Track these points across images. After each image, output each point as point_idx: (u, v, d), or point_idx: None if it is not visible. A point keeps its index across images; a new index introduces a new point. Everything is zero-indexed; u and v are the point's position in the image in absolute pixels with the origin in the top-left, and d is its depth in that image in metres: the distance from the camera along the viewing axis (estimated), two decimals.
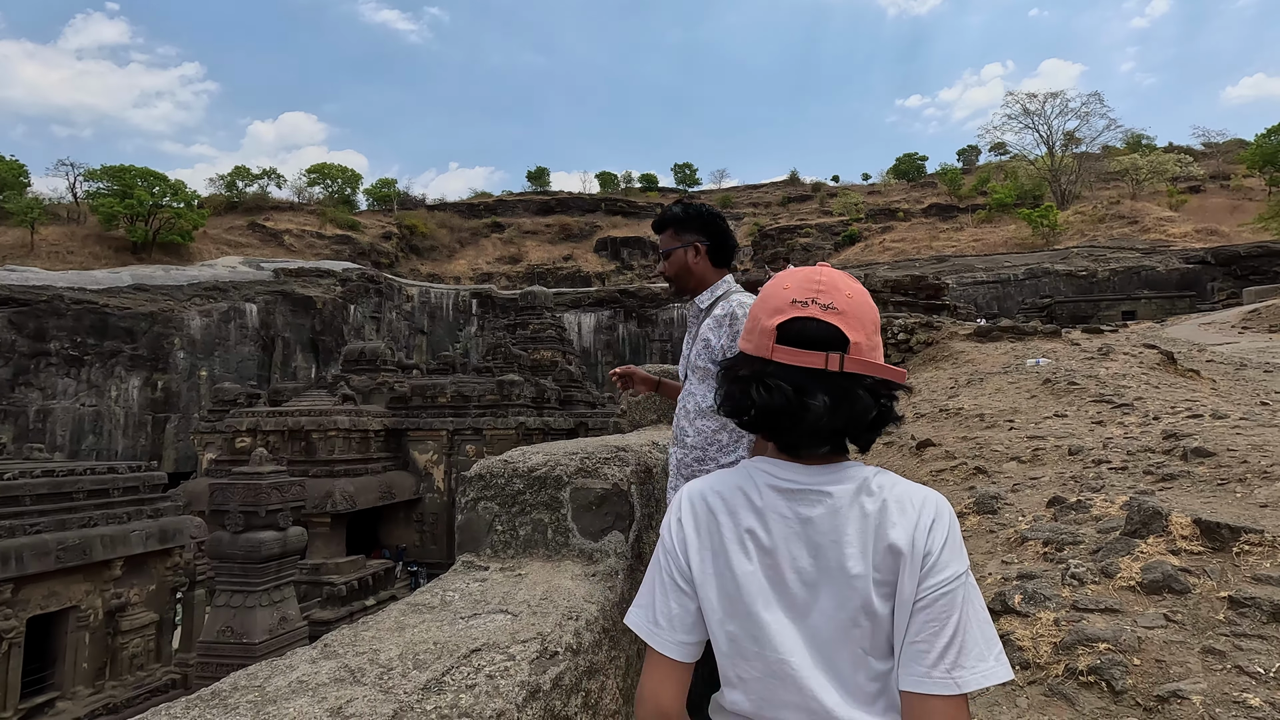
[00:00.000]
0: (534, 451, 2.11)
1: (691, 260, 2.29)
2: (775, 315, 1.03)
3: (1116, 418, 4.56)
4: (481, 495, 1.95)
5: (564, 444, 2.28)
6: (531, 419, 27.34)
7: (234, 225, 50.96)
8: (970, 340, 9.63)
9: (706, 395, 2.17)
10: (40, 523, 14.25)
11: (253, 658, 12.92)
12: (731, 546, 1.00)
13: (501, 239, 69.07)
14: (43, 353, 30.40)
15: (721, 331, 2.17)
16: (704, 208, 2.35)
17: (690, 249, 2.29)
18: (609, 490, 1.97)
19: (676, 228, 2.32)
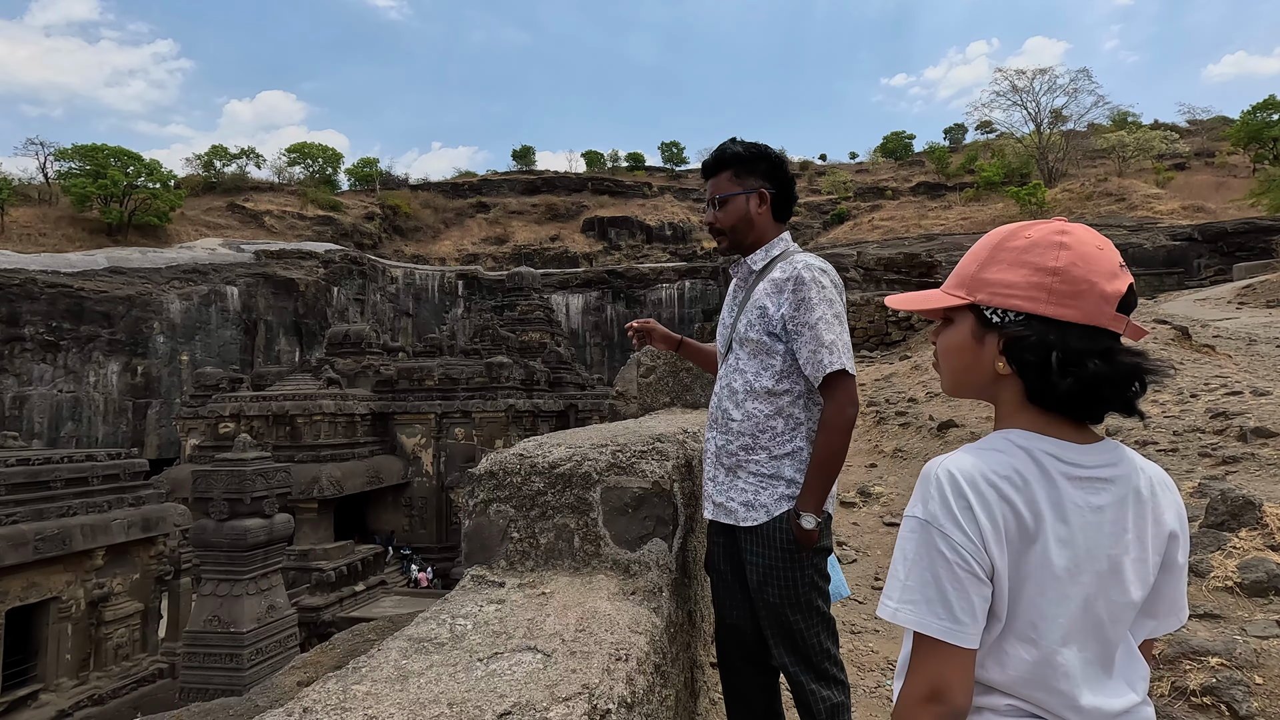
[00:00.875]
0: (554, 443, 1.81)
1: (755, 210, 2.00)
2: (1113, 280, 0.98)
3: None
4: (494, 497, 1.65)
5: (587, 433, 1.98)
6: (521, 401, 27.02)
7: (212, 206, 49.76)
8: None
9: (760, 373, 1.92)
10: (16, 513, 13.83)
11: (241, 647, 12.67)
12: (1040, 537, 0.96)
13: (487, 219, 68.09)
14: (16, 338, 29.59)
15: (782, 299, 1.89)
16: (770, 148, 2.04)
17: (754, 196, 2.00)
18: (648, 490, 1.69)
19: (738, 170, 2.01)
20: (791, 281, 1.87)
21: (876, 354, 9.95)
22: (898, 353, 9.41)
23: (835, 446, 1.81)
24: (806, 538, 1.80)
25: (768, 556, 1.83)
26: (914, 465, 3.87)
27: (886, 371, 7.71)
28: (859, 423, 5.55)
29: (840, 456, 1.84)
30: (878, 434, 4.76)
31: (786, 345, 1.88)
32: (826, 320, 1.81)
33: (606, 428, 2.09)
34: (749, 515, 1.86)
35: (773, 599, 1.82)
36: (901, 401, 5.40)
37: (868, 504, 3.28)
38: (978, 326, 1.03)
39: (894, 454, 4.17)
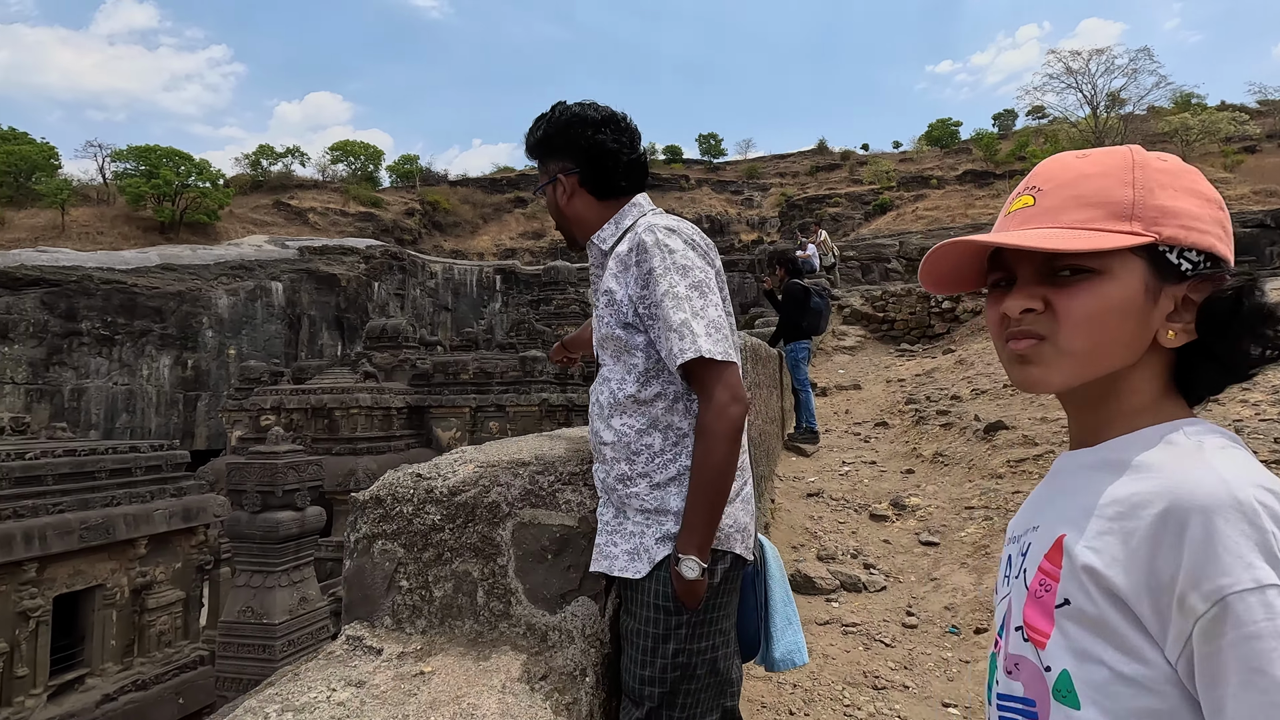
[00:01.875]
0: (466, 459, 1.46)
1: (563, 200, 1.64)
2: None
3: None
4: (379, 531, 1.30)
5: (519, 442, 1.66)
6: (555, 395, 26.92)
7: (259, 204, 51.08)
8: None
9: (625, 379, 1.51)
10: (63, 502, 14.25)
11: (273, 639, 12.79)
12: None
13: (525, 214, 68.40)
14: (74, 332, 30.79)
15: (628, 276, 1.49)
16: (565, 113, 1.62)
17: (557, 184, 1.64)
18: (573, 529, 1.34)
19: (540, 158, 1.68)
20: (634, 252, 1.49)
21: (918, 348, 9.39)
22: (940, 346, 8.83)
23: (717, 460, 1.35)
24: (688, 591, 1.35)
25: (642, 618, 1.39)
26: (956, 472, 3.42)
27: (928, 366, 7.20)
28: (895, 422, 5.08)
29: (726, 473, 1.37)
30: (916, 435, 4.31)
31: (646, 336, 1.49)
32: (674, 294, 1.40)
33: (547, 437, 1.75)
34: (631, 565, 1.42)
35: (646, 675, 1.37)
36: (943, 399, 4.92)
37: (901, 518, 2.86)
38: (1152, 276, 0.70)
39: (934, 459, 3.72)
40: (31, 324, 29.34)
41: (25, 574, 13.07)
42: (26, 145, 40.49)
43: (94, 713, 13.69)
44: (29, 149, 40.21)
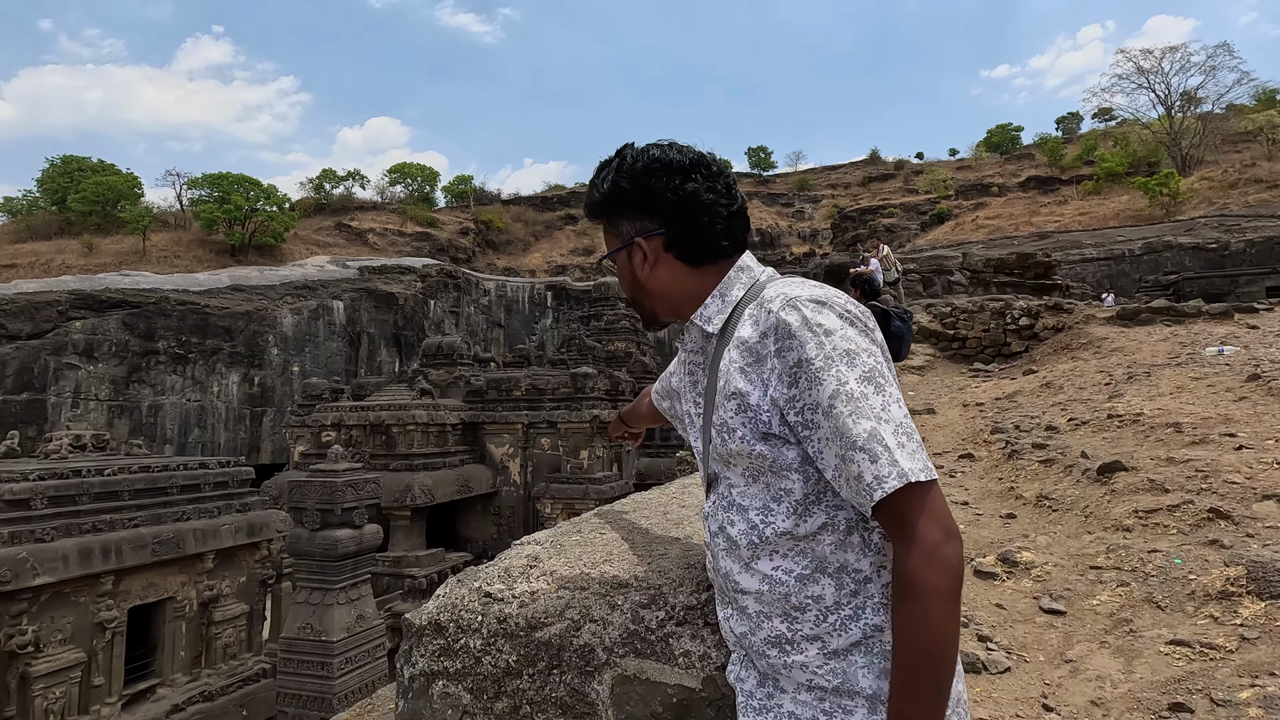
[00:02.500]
0: (539, 567, 1.17)
1: (642, 270, 1.29)
2: None
3: None
4: (439, 668, 1.05)
5: (605, 537, 1.35)
6: (605, 411, 26.86)
7: (322, 226, 53.15)
8: (1113, 324, 8.08)
9: (770, 508, 1.14)
10: (138, 517, 14.78)
11: (331, 656, 12.91)
12: None
13: (575, 231, 69.22)
14: (152, 351, 32.40)
15: (764, 371, 1.12)
16: (641, 158, 1.27)
17: (633, 251, 1.29)
18: (694, 694, 1.04)
19: (608, 218, 1.33)
20: (772, 336, 1.10)
21: (993, 367, 8.80)
22: (1019, 366, 8.25)
23: (935, 626, 0.96)
24: None
25: None
26: (1069, 520, 3.01)
27: (1008, 389, 6.68)
28: (982, 454, 4.65)
29: (949, 645, 0.98)
30: (1011, 472, 3.90)
31: (801, 449, 1.12)
32: (847, 395, 1.03)
33: (640, 512, 1.45)
34: None
35: None
36: (1037, 430, 4.47)
37: (1014, 576, 2.50)
38: None
39: (1037, 502, 3.31)
40: (114, 344, 31.01)
41: (102, 586, 13.58)
42: (114, 176, 43.19)
43: None
44: (116, 180, 42.88)
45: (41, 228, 41.79)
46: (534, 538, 1.27)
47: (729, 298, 1.23)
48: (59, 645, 12.95)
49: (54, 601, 12.88)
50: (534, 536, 1.27)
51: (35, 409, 27.96)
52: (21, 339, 28.15)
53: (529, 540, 1.27)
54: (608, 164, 1.31)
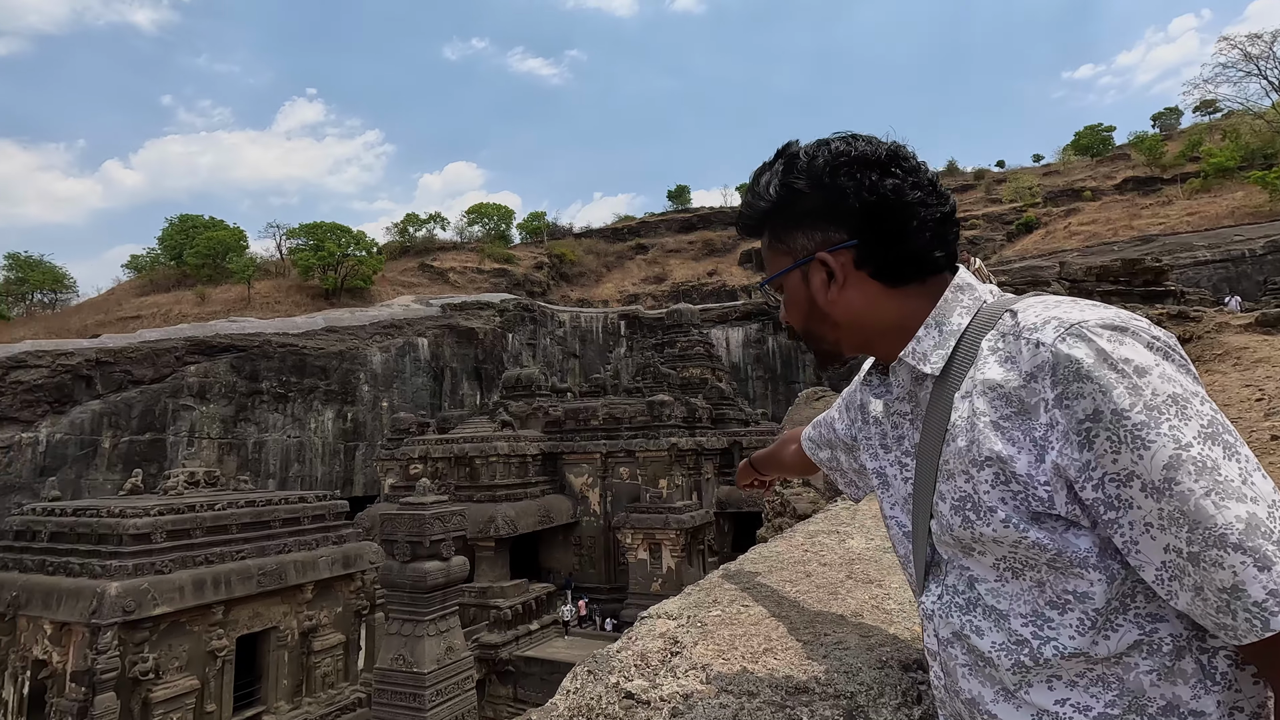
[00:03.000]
0: (684, 656, 0.96)
1: (825, 294, 1.01)
2: None
3: None
4: None
5: (754, 610, 1.12)
6: (684, 439, 26.62)
7: (406, 267, 55.86)
8: (1250, 332, 7.23)
9: (1051, 619, 0.84)
10: (244, 549, 15.57)
11: (422, 688, 13.07)
12: None
13: (646, 260, 69.94)
14: (256, 392, 34.62)
15: (1035, 427, 0.82)
16: (822, 154, 1.00)
17: (814, 270, 1.02)
18: None
19: (776, 227, 1.06)
20: (1048, 379, 0.80)
21: None
22: None
23: None
24: None
25: None
26: None
27: None
28: None
29: None
30: None
31: (1098, 536, 0.81)
32: (1195, 461, 0.73)
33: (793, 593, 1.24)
34: None
35: None
36: None
37: None
38: None
39: None
40: (223, 385, 33.35)
41: (214, 616, 14.33)
42: (223, 231, 47.02)
43: None
44: (224, 234, 46.66)
45: (162, 281, 45.85)
46: (664, 609, 1.10)
47: (948, 327, 0.95)
48: (176, 672, 13.70)
49: (171, 630, 13.66)
50: (664, 608, 1.11)
51: (156, 448, 30.29)
52: (145, 383, 30.69)
53: (659, 613, 1.10)
54: (769, 166, 1.06)
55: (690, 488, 27.23)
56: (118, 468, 28.53)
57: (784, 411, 52.23)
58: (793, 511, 7.25)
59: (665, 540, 23.52)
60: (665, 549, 23.58)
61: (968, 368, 0.90)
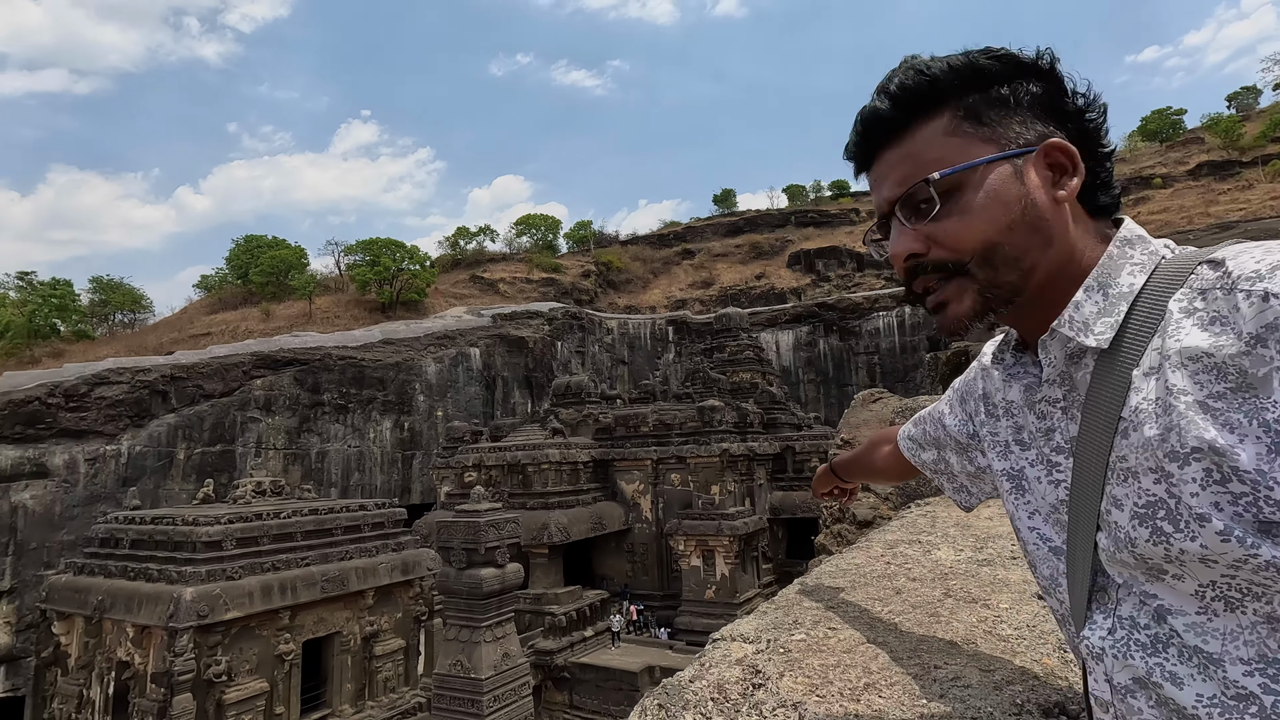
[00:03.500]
0: (772, 691, 0.82)
1: (1046, 194, 0.78)
2: None
3: None
4: None
5: (850, 646, 0.96)
6: (735, 445, 26.30)
7: (458, 280, 57.12)
8: None
9: None
10: (308, 556, 16.03)
11: (480, 694, 13.18)
12: None
13: (692, 265, 69.73)
14: (318, 403, 35.84)
15: (1271, 402, 0.60)
16: (995, 53, 0.82)
17: (1037, 166, 0.79)
18: None
19: (970, 107, 0.81)
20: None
21: None
22: None
23: None
24: None
25: None
26: None
27: None
28: None
29: None
30: None
31: None
32: None
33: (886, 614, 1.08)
34: None
35: None
36: None
37: None
38: None
39: None
40: (288, 398, 34.65)
41: (281, 621, 14.80)
42: (285, 250, 49.04)
43: None
44: (286, 253, 48.65)
45: (229, 299, 48.08)
46: (739, 631, 0.98)
47: (1117, 289, 0.76)
48: (247, 675, 14.19)
49: (242, 635, 14.16)
50: (738, 629, 0.98)
51: (226, 458, 31.66)
52: (215, 397, 32.15)
53: (734, 635, 0.97)
54: (917, 63, 0.85)
55: (743, 494, 26.86)
56: (191, 478, 29.94)
57: (837, 415, 51.12)
58: (851, 518, 7.00)
59: (718, 547, 23.23)
60: (718, 556, 23.29)
61: (1148, 337, 0.72)
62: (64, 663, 16.10)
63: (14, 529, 25.03)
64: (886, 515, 7.02)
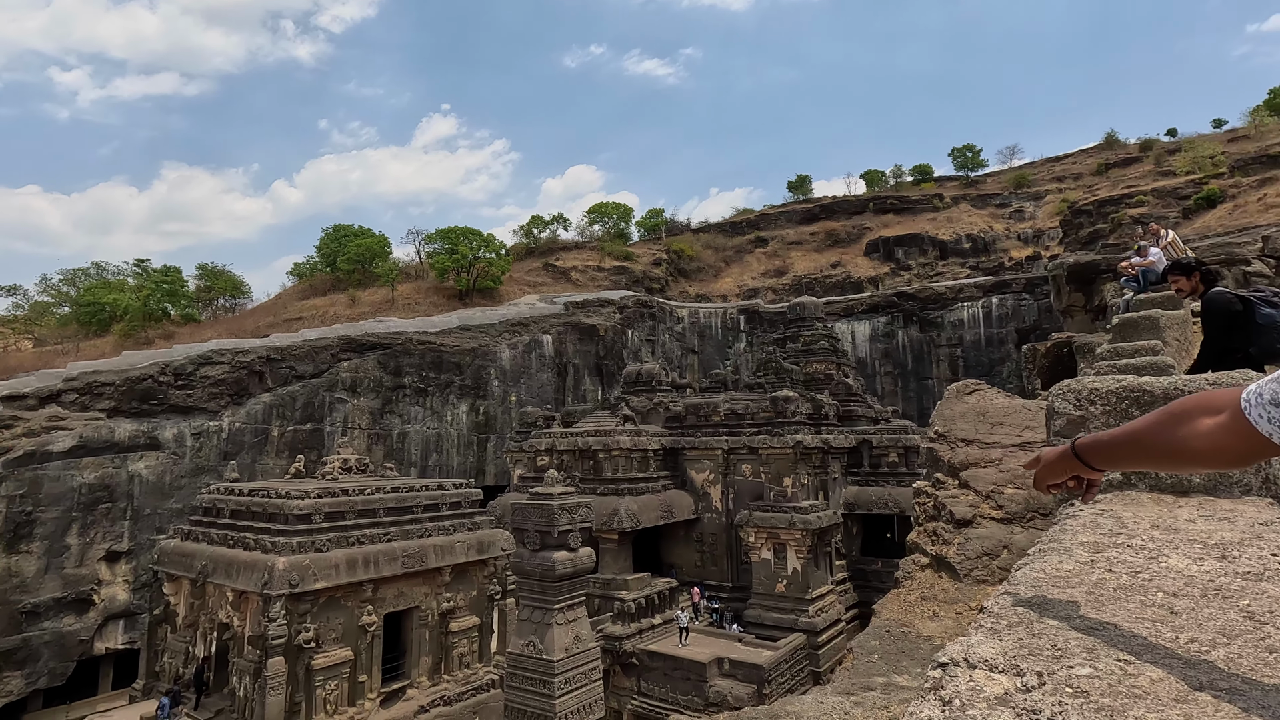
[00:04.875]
0: None
1: None
2: None
3: None
4: None
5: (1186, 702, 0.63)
6: (809, 436, 25.61)
7: (532, 268, 58.07)
8: None
9: None
10: (390, 532, 16.60)
11: (551, 675, 13.31)
12: None
13: (765, 253, 68.41)
14: (399, 386, 37.24)
15: None
16: None
17: None
18: None
19: None
20: None
21: None
22: None
23: None
24: None
25: None
26: None
27: None
28: None
29: None
30: None
31: None
32: None
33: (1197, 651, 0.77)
34: None
35: None
36: None
37: None
38: None
39: None
40: (372, 381, 36.15)
41: (364, 593, 15.42)
42: (369, 239, 51.14)
43: None
44: (371, 242, 50.71)
45: (319, 285, 50.56)
46: (981, 655, 0.70)
47: None
48: (333, 643, 14.87)
49: (329, 605, 14.84)
50: (979, 653, 0.71)
51: (315, 436, 33.37)
52: (306, 378, 33.89)
53: (972, 659, 0.69)
54: None
55: (816, 487, 26.18)
56: (284, 453, 31.73)
57: (915, 409, 49.20)
58: (949, 516, 6.56)
59: (790, 540, 22.72)
60: (790, 549, 22.79)
61: None
62: (173, 620, 17.36)
63: (131, 496, 27.21)
64: (988, 514, 6.53)
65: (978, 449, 6.39)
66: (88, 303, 43.14)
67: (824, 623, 21.98)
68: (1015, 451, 5.66)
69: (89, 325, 42.66)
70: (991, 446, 6.36)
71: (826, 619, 22.29)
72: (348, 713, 14.82)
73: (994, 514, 5.83)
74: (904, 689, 3.99)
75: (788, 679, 19.81)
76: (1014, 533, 5.43)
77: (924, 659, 4.31)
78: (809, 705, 3.50)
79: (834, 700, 3.67)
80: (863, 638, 4.93)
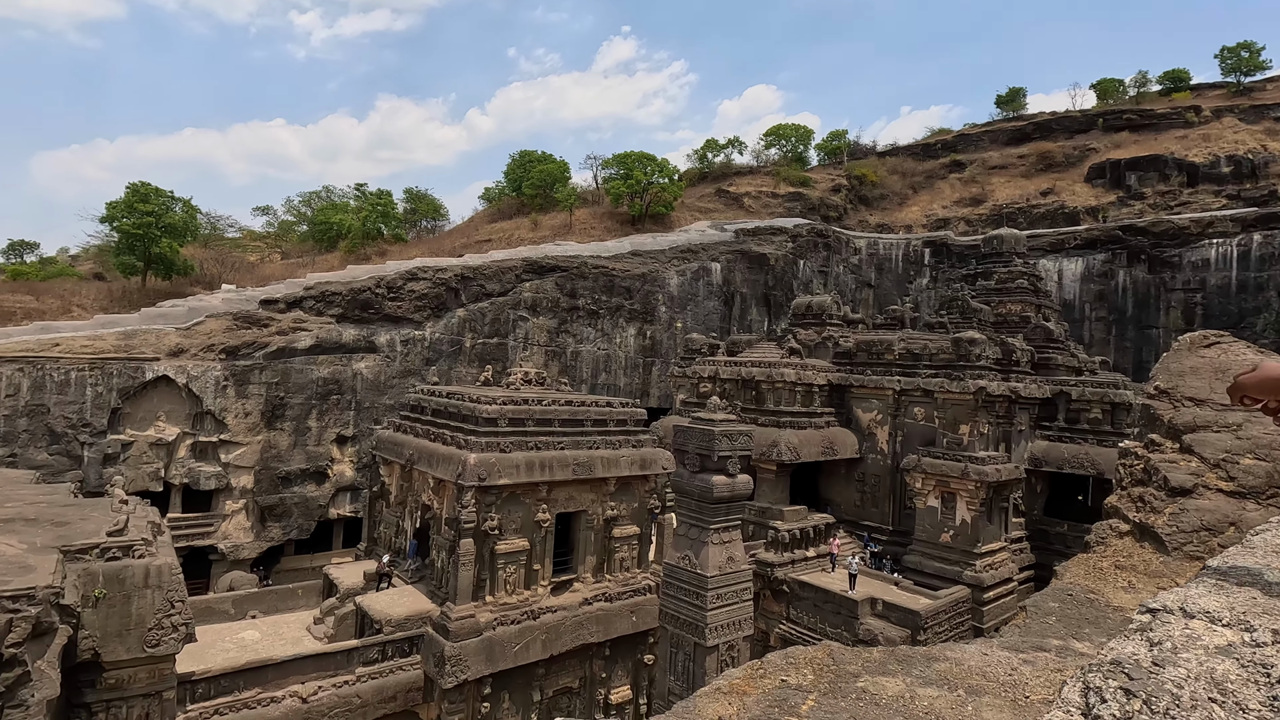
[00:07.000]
0: None
1: None
2: None
3: None
4: None
5: None
6: (994, 383, 23.49)
7: (704, 194, 57.34)
8: None
9: None
10: (563, 441, 17.97)
11: (704, 589, 13.96)
12: None
13: (961, 179, 61.66)
14: (575, 308, 39.33)
15: None
16: None
17: None
18: None
19: None
20: None
21: None
22: None
23: None
24: None
25: None
26: None
27: None
28: None
29: None
30: None
31: None
32: None
33: None
34: None
35: None
36: None
37: None
38: None
39: None
40: (550, 301, 38.51)
41: (539, 493, 17.03)
42: (551, 165, 53.32)
43: (577, 611, 17.25)
44: (552, 168, 52.87)
45: (506, 209, 54.01)
46: (1199, 604, 0.62)
47: None
48: (513, 534, 16.70)
49: (509, 500, 16.60)
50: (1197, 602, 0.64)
51: (500, 350, 36.54)
52: (494, 296, 36.90)
53: (1189, 609, 0.63)
54: None
55: (997, 438, 24.18)
56: (474, 363, 35.19)
57: (1129, 360, 43.03)
58: (1162, 482, 5.78)
59: (961, 491, 21.40)
60: (960, 500, 21.50)
61: None
62: (387, 497, 20.43)
63: (355, 390, 31.89)
64: (1215, 485, 5.68)
65: (1210, 410, 5.53)
66: (320, 222, 49.84)
67: (992, 579, 20.74)
68: (1261, 417, 4.81)
69: (321, 241, 49.43)
70: (1228, 409, 5.46)
71: (995, 576, 20.99)
72: (523, 594, 16.74)
73: (1223, 485, 5.07)
74: (1082, 655, 3.73)
75: (945, 630, 19.15)
76: (1246, 509, 4.70)
77: (1111, 629, 3.97)
78: (971, 654, 3.40)
79: (1000, 654, 3.53)
80: (1039, 598, 4.61)
